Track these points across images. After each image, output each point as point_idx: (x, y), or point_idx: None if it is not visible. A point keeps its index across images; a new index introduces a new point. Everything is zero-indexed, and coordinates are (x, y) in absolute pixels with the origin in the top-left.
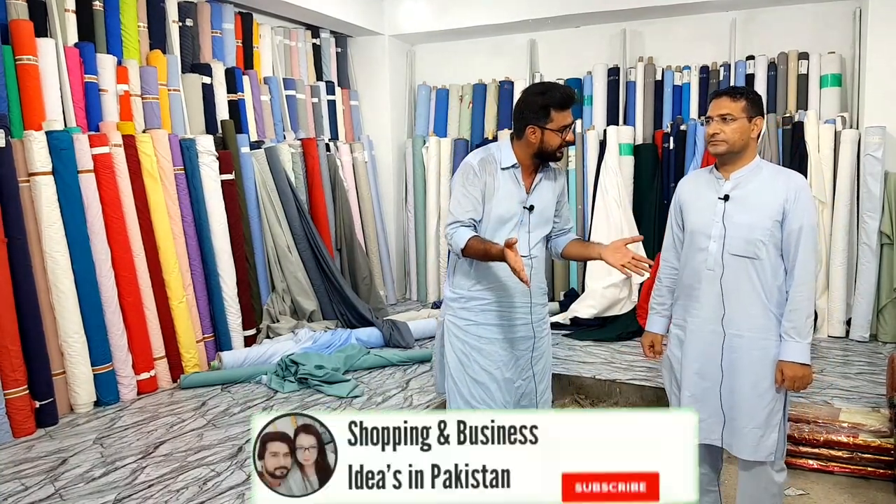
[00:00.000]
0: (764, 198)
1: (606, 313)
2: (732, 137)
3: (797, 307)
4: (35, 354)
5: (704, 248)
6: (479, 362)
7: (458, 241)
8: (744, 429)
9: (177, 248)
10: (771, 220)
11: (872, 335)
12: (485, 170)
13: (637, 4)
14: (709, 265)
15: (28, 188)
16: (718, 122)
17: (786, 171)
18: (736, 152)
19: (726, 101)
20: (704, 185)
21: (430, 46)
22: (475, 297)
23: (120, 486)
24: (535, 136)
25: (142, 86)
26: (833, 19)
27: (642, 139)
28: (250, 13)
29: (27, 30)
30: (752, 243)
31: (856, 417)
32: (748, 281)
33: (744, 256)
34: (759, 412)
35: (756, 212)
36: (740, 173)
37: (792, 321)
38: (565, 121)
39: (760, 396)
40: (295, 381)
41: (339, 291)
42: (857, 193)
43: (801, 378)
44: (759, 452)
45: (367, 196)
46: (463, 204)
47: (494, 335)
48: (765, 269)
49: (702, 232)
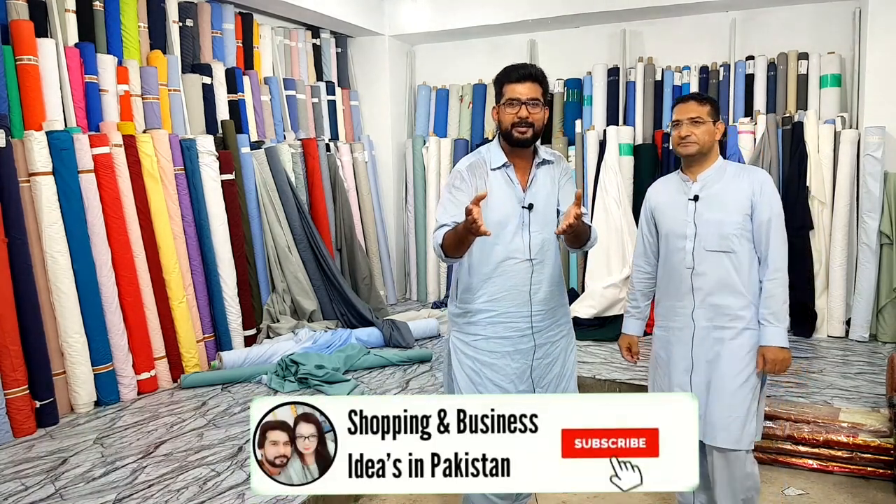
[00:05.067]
0: (731, 194)
1: (606, 313)
2: (703, 139)
3: (773, 293)
4: (35, 354)
5: (681, 248)
6: (490, 378)
7: (437, 240)
8: (727, 419)
9: (177, 248)
10: (741, 215)
11: (872, 335)
12: (474, 174)
13: (637, 4)
14: (687, 263)
15: (28, 188)
16: (689, 124)
17: (748, 167)
18: (704, 153)
19: (694, 105)
20: (674, 189)
21: (430, 46)
22: (482, 310)
23: (120, 486)
24: (496, 116)
25: (142, 86)
26: (833, 19)
27: (642, 139)
28: (250, 13)
29: (27, 30)
30: (725, 238)
31: (855, 417)
32: (726, 274)
33: (719, 251)
34: (740, 402)
35: (725, 208)
36: (706, 174)
37: (769, 307)
38: (513, 93)
39: (741, 386)
40: (295, 381)
41: (339, 291)
42: (856, 193)
43: (782, 361)
44: (741, 442)
45: (368, 196)
46: (448, 209)
47: (504, 348)
48: (741, 262)
49: (676, 233)
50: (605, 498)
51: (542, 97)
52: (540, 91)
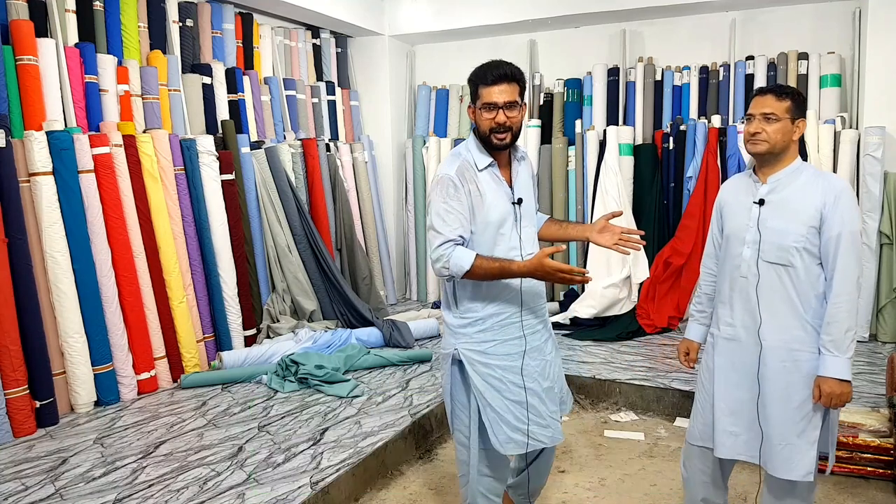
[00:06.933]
0: (800, 203)
1: (606, 313)
2: (774, 138)
3: (835, 319)
4: (35, 354)
5: (738, 254)
6: (514, 382)
7: (459, 262)
8: (778, 445)
9: (177, 248)
10: (806, 227)
11: (872, 335)
12: (464, 178)
13: (637, 4)
14: (742, 272)
15: (28, 188)
16: (760, 120)
17: (827, 174)
18: (776, 154)
19: (771, 100)
20: (743, 189)
21: (430, 46)
22: (492, 315)
23: (120, 486)
24: (472, 117)
25: (142, 86)
26: (833, 19)
27: (642, 139)
28: (250, 13)
29: (27, 30)
30: (785, 250)
31: (855, 417)
32: (782, 289)
33: (777, 264)
34: (790, 428)
35: (791, 217)
36: (778, 177)
37: (830, 334)
38: (489, 97)
39: (793, 411)
40: (295, 381)
41: (339, 291)
42: (856, 194)
43: (839, 395)
44: (792, 472)
45: (367, 196)
46: (449, 221)
47: (521, 348)
48: (799, 278)
49: (737, 237)
50: (605, 497)
51: (519, 97)
52: (517, 91)
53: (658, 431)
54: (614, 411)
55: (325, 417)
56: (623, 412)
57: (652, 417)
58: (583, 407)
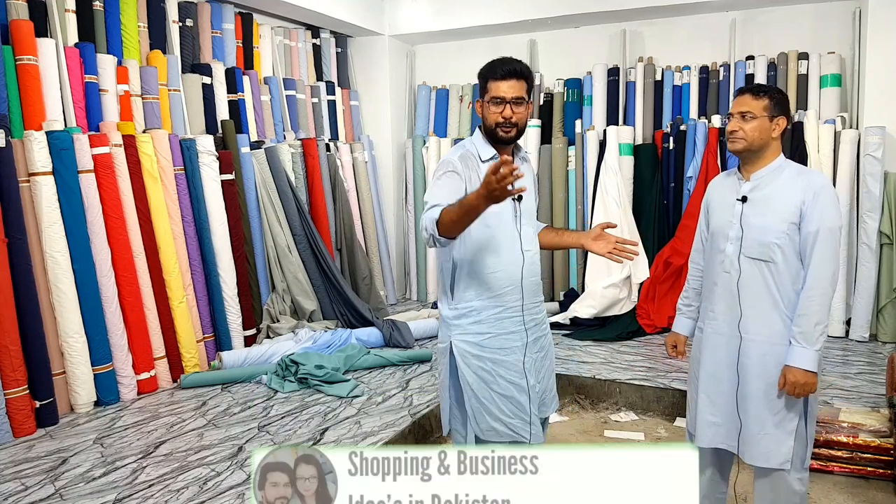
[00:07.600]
0: (781, 199)
1: (606, 313)
2: (751, 136)
3: (806, 312)
4: (35, 354)
5: (722, 250)
6: (503, 376)
7: (431, 214)
8: (756, 435)
9: (177, 248)
10: (786, 223)
11: (872, 335)
12: (467, 165)
13: (637, 4)
14: (725, 267)
15: (28, 188)
16: (738, 119)
17: (809, 171)
18: (754, 151)
19: (748, 99)
20: (728, 187)
21: (430, 46)
22: (487, 307)
23: (120, 486)
24: (479, 111)
25: (142, 86)
26: (833, 19)
27: (642, 139)
28: (250, 13)
29: (27, 30)
30: (766, 246)
31: (855, 417)
32: (763, 285)
33: (758, 259)
34: (769, 418)
35: (771, 214)
36: (760, 174)
37: (800, 326)
38: (498, 91)
39: (772, 402)
40: (295, 381)
41: (339, 291)
42: (856, 193)
43: (803, 385)
44: (771, 460)
45: (367, 196)
46: (437, 192)
47: (514, 343)
48: (780, 273)
49: (721, 233)
50: None
51: (526, 94)
52: (525, 88)
53: (658, 431)
54: (614, 411)
55: (325, 417)
56: (623, 412)
57: (652, 417)
58: (583, 407)
